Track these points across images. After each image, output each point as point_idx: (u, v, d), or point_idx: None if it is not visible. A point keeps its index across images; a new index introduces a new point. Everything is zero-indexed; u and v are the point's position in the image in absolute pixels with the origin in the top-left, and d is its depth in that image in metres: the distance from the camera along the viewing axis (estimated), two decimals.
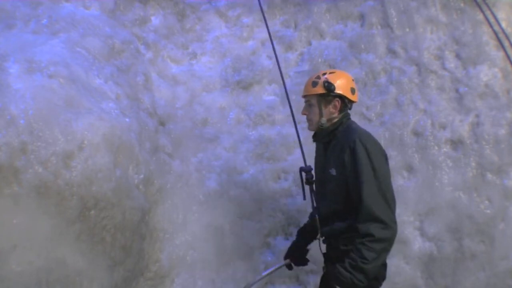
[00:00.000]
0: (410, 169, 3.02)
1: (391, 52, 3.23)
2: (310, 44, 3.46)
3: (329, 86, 2.12)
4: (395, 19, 3.25)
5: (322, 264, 2.27)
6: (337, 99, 2.14)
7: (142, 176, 2.57)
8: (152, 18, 3.30)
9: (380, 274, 2.03)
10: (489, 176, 2.93)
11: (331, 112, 2.15)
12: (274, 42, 3.52)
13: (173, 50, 3.33)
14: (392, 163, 3.03)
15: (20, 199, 1.96)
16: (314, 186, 2.25)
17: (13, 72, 2.19)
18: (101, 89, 2.56)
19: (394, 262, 2.93)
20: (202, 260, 2.92)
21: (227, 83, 3.35)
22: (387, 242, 1.89)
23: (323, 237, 2.18)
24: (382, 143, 3.05)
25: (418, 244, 2.93)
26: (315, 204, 2.22)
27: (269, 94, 3.35)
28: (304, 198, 2.29)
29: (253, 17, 3.56)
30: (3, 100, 2.02)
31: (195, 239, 2.92)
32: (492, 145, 2.95)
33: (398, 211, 2.92)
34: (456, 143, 3.01)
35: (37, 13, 2.64)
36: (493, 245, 2.86)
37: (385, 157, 2.06)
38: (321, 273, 2.50)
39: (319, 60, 3.35)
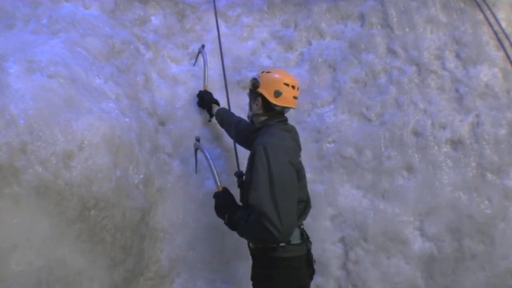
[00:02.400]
0: (410, 169, 3.02)
1: (391, 52, 3.23)
2: (310, 44, 3.46)
3: (254, 83, 2.21)
4: (395, 19, 3.25)
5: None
6: (259, 97, 2.20)
7: (142, 176, 2.57)
8: (152, 18, 3.30)
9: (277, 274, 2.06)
10: (489, 176, 2.93)
11: (257, 109, 2.23)
12: (274, 43, 3.54)
13: (173, 50, 3.33)
14: (392, 163, 3.04)
15: (20, 199, 1.96)
16: None
17: (13, 72, 2.19)
18: (101, 89, 2.56)
19: (394, 262, 2.93)
20: (202, 260, 2.92)
21: (227, 83, 3.35)
22: (264, 241, 1.98)
23: None
24: (382, 143, 3.07)
25: (418, 244, 2.93)
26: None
27: None
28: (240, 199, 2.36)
29: (253, 17, 3.56)
30: (3, 100, 2.02)
31: (195, 239, 2.92)
32: (492, 145, 2.95)
33: (398, 211, 2.96)
34: (456, 143, 3.01)
35: (37, 13, 2.63)
36: (493, 245, 2.86)
37: (294, 166, 2.04)
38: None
39: (319, 60, 3.35)
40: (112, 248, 2.30)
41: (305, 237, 2.19)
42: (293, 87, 2.21)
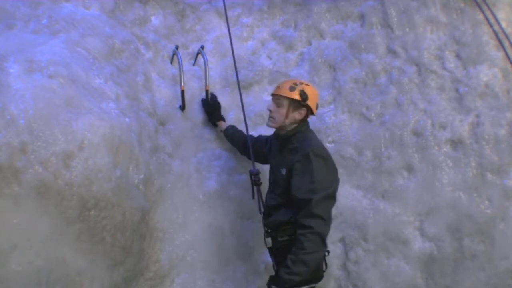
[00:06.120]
0: (410, 169, 3.02)
1: (391, 52, 3.23)
2: (310, 44, 3.46)
3: (304, 96, 2.38)
4: (395, 19, 3.25)
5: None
6: (305, 109, 2.41)
7: (142, 176, 2.57)
8: (152, 18, 3.30)
9: (321, 266, 2.32)
10: (489, 176, 2.93)
11: (296, 118, 2.41)
12: (274, 43, 3.54)
13: None
14: (392, 163, 3.04)
15: (20, 199, 1.96)
16: (270, 179, 2.58)
17: (13, 72, 2.19)
18: (101, 89, 2.55)
19: (394, 262, 2.94)
20: (202, 260, 2.92)
21: (227, 83, 3.35)
22: (325, 236, 2.15)
23: (268, 229, 2.41)
24: (382, 143, 3.07)
25: (418, 244, 2.93)
26: (262, 204, 2.51)
27: (269, 94, 3.34)
28: (253, 197, 2.57)
29: (253, 17, 3.56)
30: (3, 100, 2.02)
31: (195, 239, 2.92)
32: (492, 145, 2.95)
33: (398, 211, 2.97)
34: (456, 143, 3.01)
35: (37, 13, 2.63)
36: (493, 245, 2.86)
37: (335, 167, 2.34)
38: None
39: (319, 60, 3.35)
40: (112, 248, 2.30)
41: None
42: None
